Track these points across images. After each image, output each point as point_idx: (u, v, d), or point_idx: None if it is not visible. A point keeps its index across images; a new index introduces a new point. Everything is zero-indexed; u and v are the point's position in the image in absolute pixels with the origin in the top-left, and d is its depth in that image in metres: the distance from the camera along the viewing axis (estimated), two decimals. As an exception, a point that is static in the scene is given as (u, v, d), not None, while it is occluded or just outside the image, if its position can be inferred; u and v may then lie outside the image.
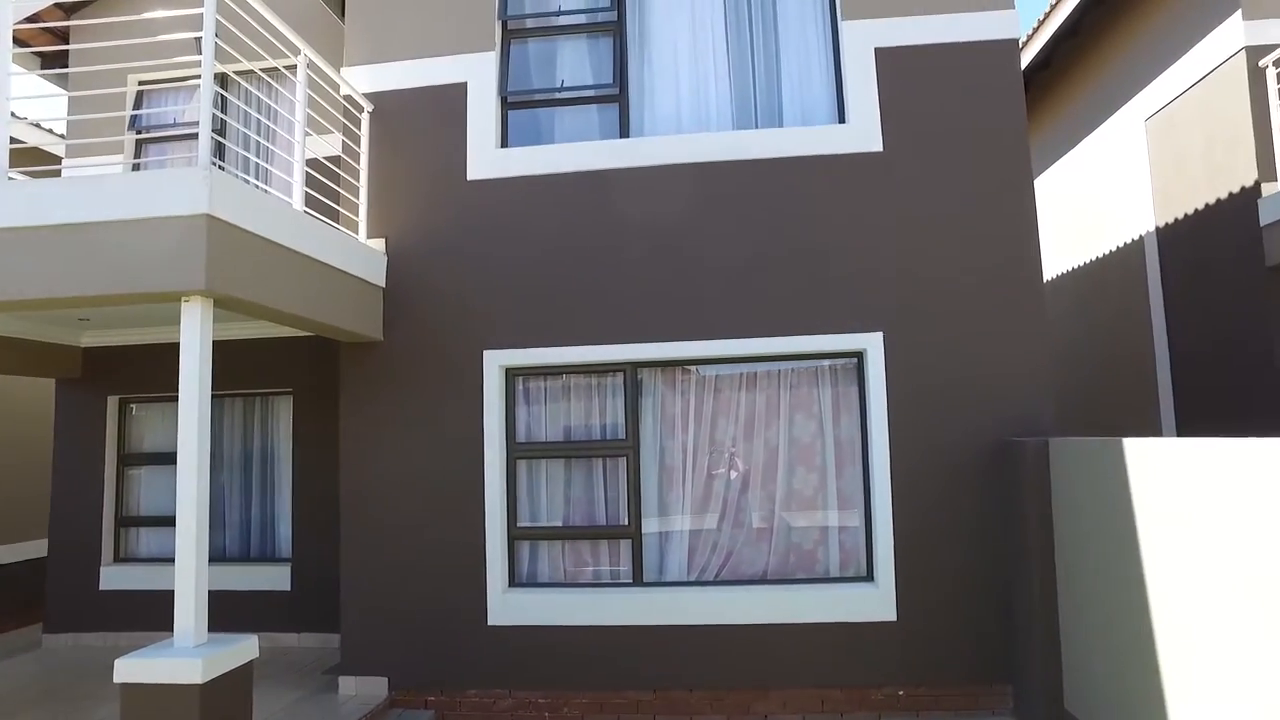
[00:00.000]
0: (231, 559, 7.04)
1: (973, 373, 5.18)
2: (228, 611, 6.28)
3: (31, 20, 7.27)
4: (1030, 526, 4.65)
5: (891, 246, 5.32)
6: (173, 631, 3.80)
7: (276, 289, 4.40)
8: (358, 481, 5.55)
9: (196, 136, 3.98)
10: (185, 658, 3.64)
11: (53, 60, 7.98)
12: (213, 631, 3.95)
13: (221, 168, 5.98)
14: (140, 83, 7.47)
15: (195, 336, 3.91)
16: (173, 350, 3.99)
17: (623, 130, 5.74)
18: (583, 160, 5.59)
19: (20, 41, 7.61)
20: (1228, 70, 6.89)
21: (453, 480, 5.46)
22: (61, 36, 7.72)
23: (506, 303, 5.55)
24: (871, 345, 5.23)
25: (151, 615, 5.93)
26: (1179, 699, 3.28)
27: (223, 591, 6.56)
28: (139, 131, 7.49)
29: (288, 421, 7.15)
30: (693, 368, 5.56)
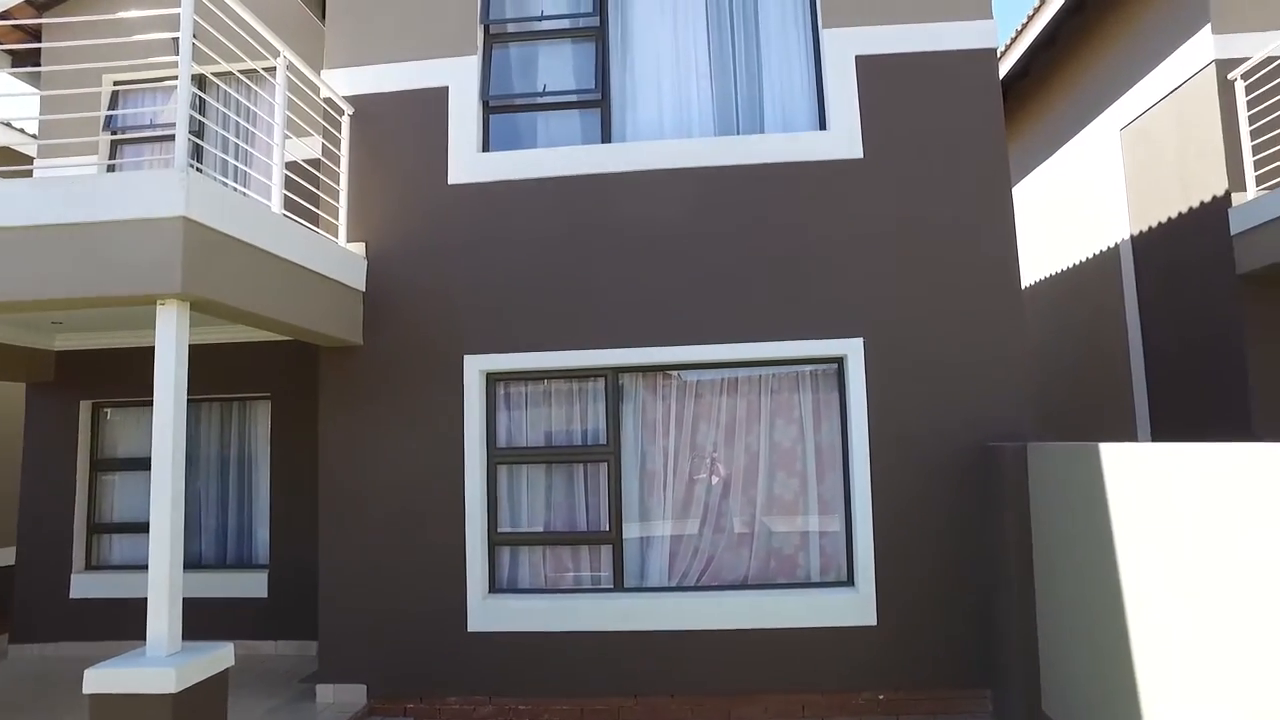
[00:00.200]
0: (207, 566, 6.95)
1: (952, 378, 5.22)
2: (203, 619, 6.18)
3: (2, 17, 7.15)
4: (1009, 531, 4.69)
5: (872, 253, 5.35)
6: (145, 640, 3.74)
7: (254, 292, 4.35)
8: (337, 487, 5.50)
9: (173, 138, 3.91)
10: (158, 667, 3.57)
11: (24, 58, 7.85)
12: (187, 640, 3.89)
13: (199, 170, 5.91)
14: (115, 82, 7.36)
15: (171, 340, 3.85)
16: (148, 354, 3.93)
17: (605, 135, 5.74)
18: (564, 165, 5.59)
19: (-9, 39, 7.50)
20: (1199, 82, 7.03)
21: (433, 485, 5.42)
22: (33, 34, 7.59)
23: (487, 307, 5.52)
24: (852, 351, 5.26)
25: (124, 624, 5.82)
26: (1155, 701, 3.32)
27: (198, 599, 6.46)
28: (114, 132, 7.38)
29: (265, 426, 7.07)
30: (674, 373, 5.56)
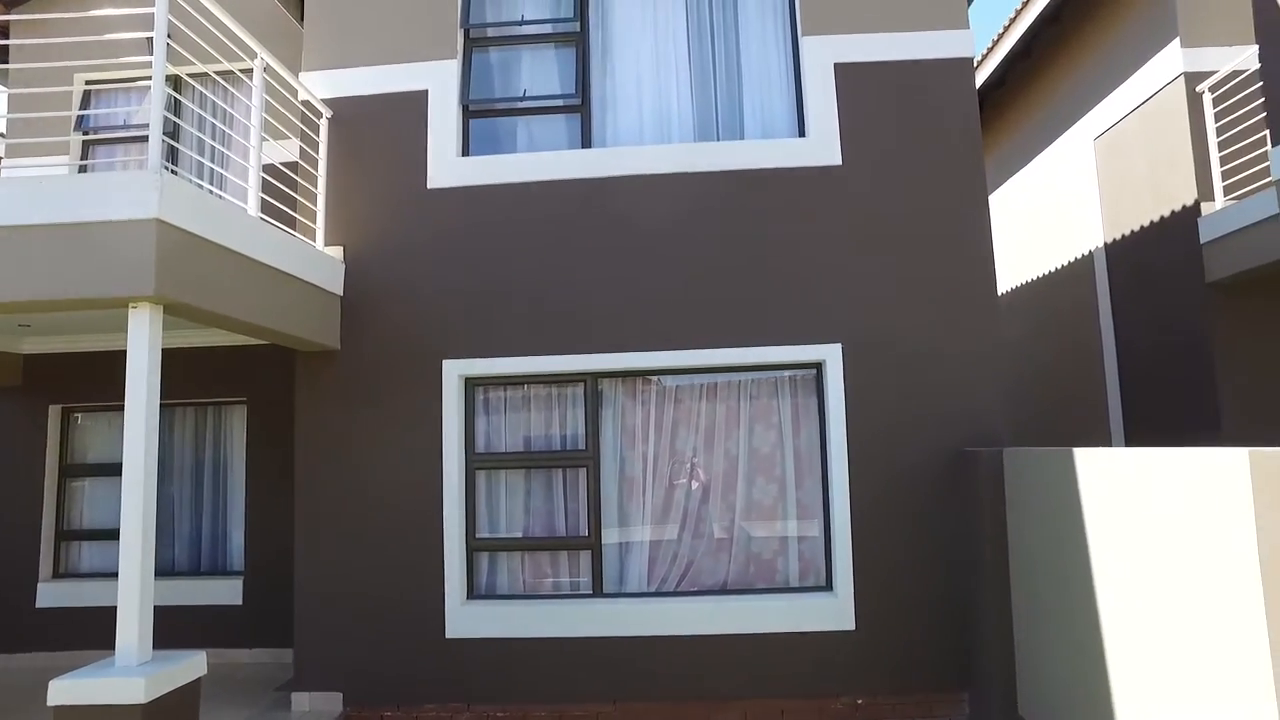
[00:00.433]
0: (181, 573, 6.83)
1: (930, 384, 5.27)
2: (176, 627, 6.06)
3: (-32, 14, 7.03)
4: (985, 535, 4.74)
5: (850, 258, 5.39)
6: (114, 650, 3.67)
7: (229, 296, 4.30)
8: (313, 492, 5.44)
9: (147, 139, 3.86)
10: (126, 676, 3.50)
11: (-9, 56, 7.72)
12: (159, 648, 3.82)
13: (174, 172, 5.84)
14: (87, 82, 7.25)
15: (143, 344, 3.80)
16: (120, 358, 3.86)
17: (585, 140, 5.75)
18: (544, 170, 5.59)
19: (-45, 36, 7.36)
20: (1168, 94, 7.17)
21: (411, 491, 5.38)
22: (1, 31, 7.46)
23: (467, 312, 5.50)
24: (830, 356, 5.30)
25: (92, 634, 5.71)
26: (1129, 702, 3.36)
27: (171, 607, 6.35)
28: (86, 132, 7.27)
29: (241, 431, 6.98)
30: (653, 378, 5.57)
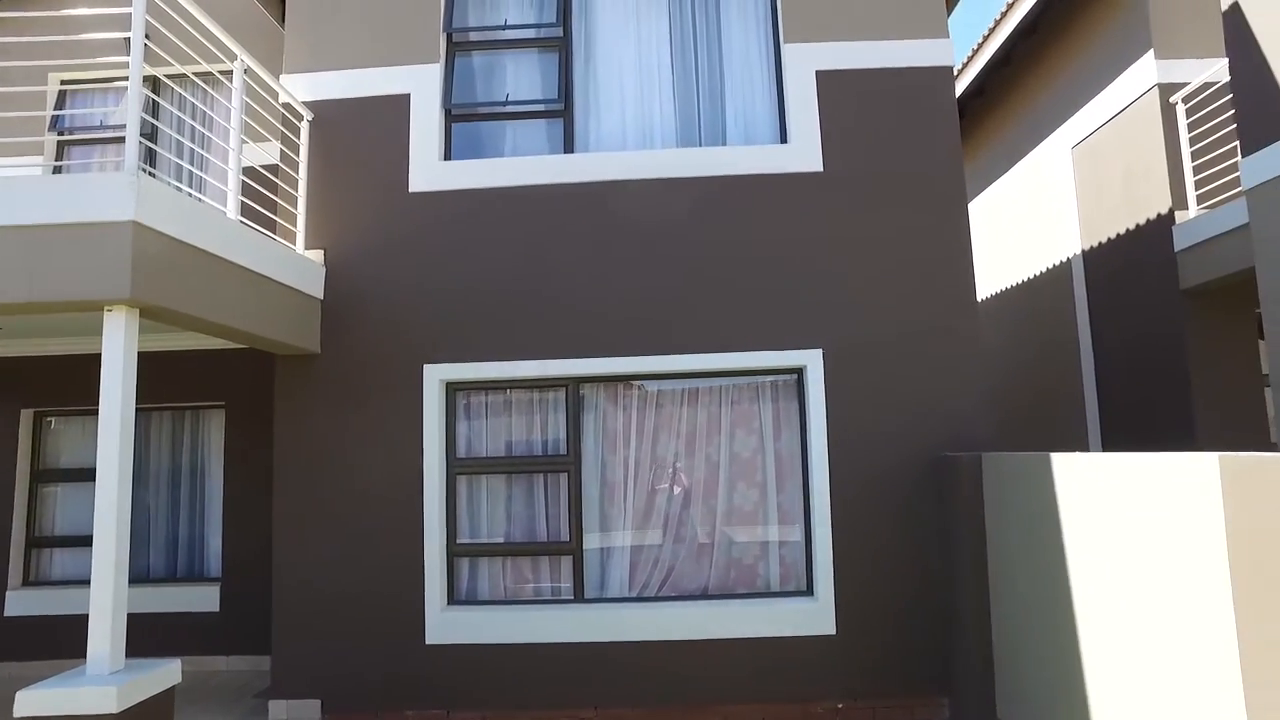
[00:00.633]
0: (156, 579, 6.75)
1: (910, 388, 5.31)
2: (151, 635, 5.99)
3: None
4: (964, 539, 4.78)
5: (831, 264, 5.43)
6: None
7: (207, 299, 4.26)
8: (292, 497, 5.39)
9: (124, 140, 3.82)
10: (98, 685, 3.45)
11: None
12: (133, 657, 3.77)
13: (152, 174, 5.78)
14: (63, 82, 7.16)
15: (118, 347, 3.75)
16: (95, 361, 3.81)
17: (567, 145, 5.76)
18: (526, 175, 5.58)
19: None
20: (1143, 105, 7.29)
21: (391, 496, 5.34)
22: (-27, 29, 7.37)
23: (448, 316, 5.48)
24: (811, 362, 5.33)
25: (65, 642, 5.58)
26: (1104, 704, 3.40)
27: (146, 614, 6.27)
28: (61, 133, 7.18)
29: (219, 436, 6.91)
30: (635, 383, 5.57)
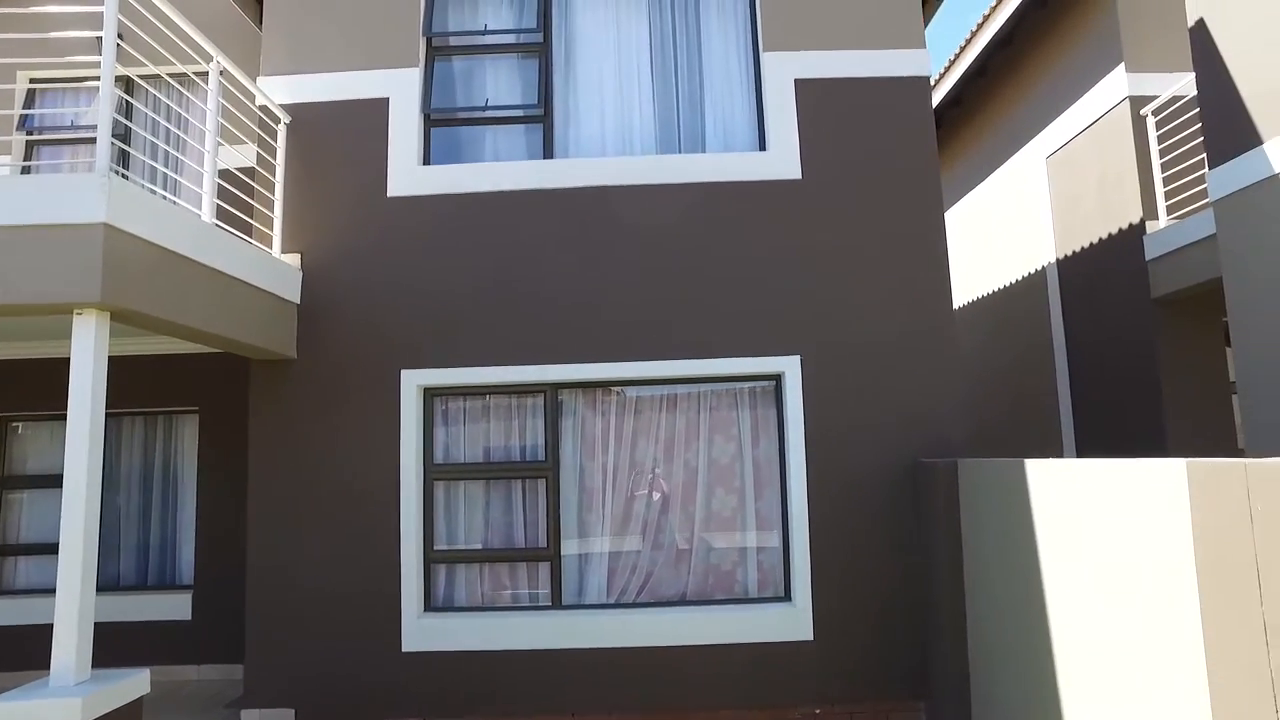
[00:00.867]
0: (127, 587, 6.63)
1: (887, 395, 5.35)
2: (121, 644, 5.88)
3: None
4: (941, 545, 4.81)
5: (809, 271, 5.46)
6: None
7: (180, 303, 4.21)
8: (266, 503, 5.33)
9: (95, 141, 3.77)
10: (62, 697, 3.36)
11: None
12: (101, 667, 3.70)
13: (124, 175, 5.70)
14: (32, 80, 7.04)
15: (88, 351, 3.69)
16: (64, 365, 3.74)
17: (547, 151, 5.75)
18: (506, 180, 5.57)
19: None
20: (1114, 117, 7.42)
21: (367, 502, 5.29)
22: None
23: (426, 321, 5.45)
24: (789, 368, 5.35)
25: (33, 653, 5.45)
26: (1077, 707, 3.43)
27: (116, 623, 6.17)
28: (30, 132, 7.06)
29: (193, 441, 6.82)
30: (613, 389, 5.57)
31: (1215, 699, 2.52)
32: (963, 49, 9.45)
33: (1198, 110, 6.05)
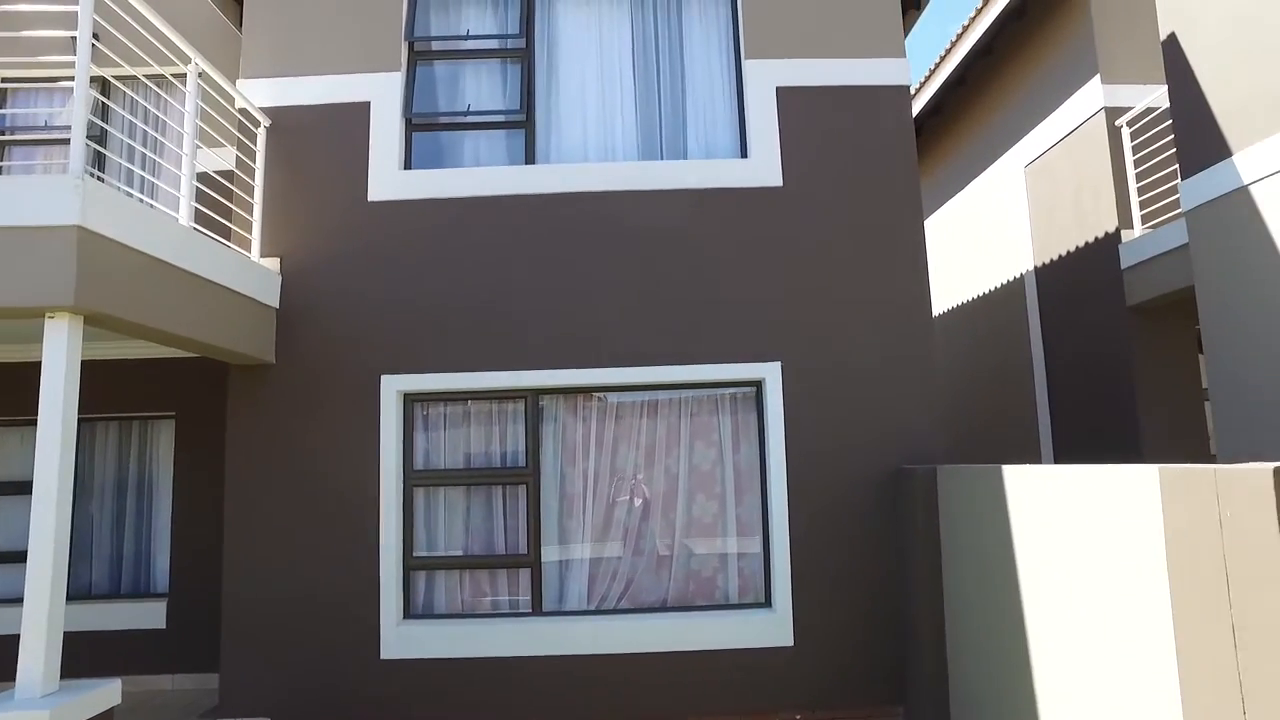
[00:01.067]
0: (100, 596, 6.51)
1: (867, 401, 5.38)
2: (93, 654, 5.79)
3: None
4: (920, 550, 4.84)
5: (790, 279, 5.49)
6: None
7: (156, 307, 4.16)
8: (243, 510, 5.26)
9: (69, 142, 3.72)
10: (28, 710, 3.30)
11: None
12: (72, 678, 3.63)
13: (99, 177, 5.64)
14: (4, 79, 6.94)
15: (60, 356, 3.63)
16: (36, 369, 3.69)
17: (528, 157, 5.75)
18: (487, 185, 5.56)
19: None
20: (1090, 127, 7.53)
21: (346, 508, 5.25)
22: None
23: (406, 327, 5.42)
24: (770, 374, 5.37)
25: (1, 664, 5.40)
26: (1052, 710, 3.46)
27: (88, 632, 6.08)
28: (1, 132, 6.96)
29: (169, 447, 6.72)
30: (594, 395, 5.56)
31: (1186, 700, 2.55)
32: (943, 58, 9.55)
33: (1171, 122, 6.16)
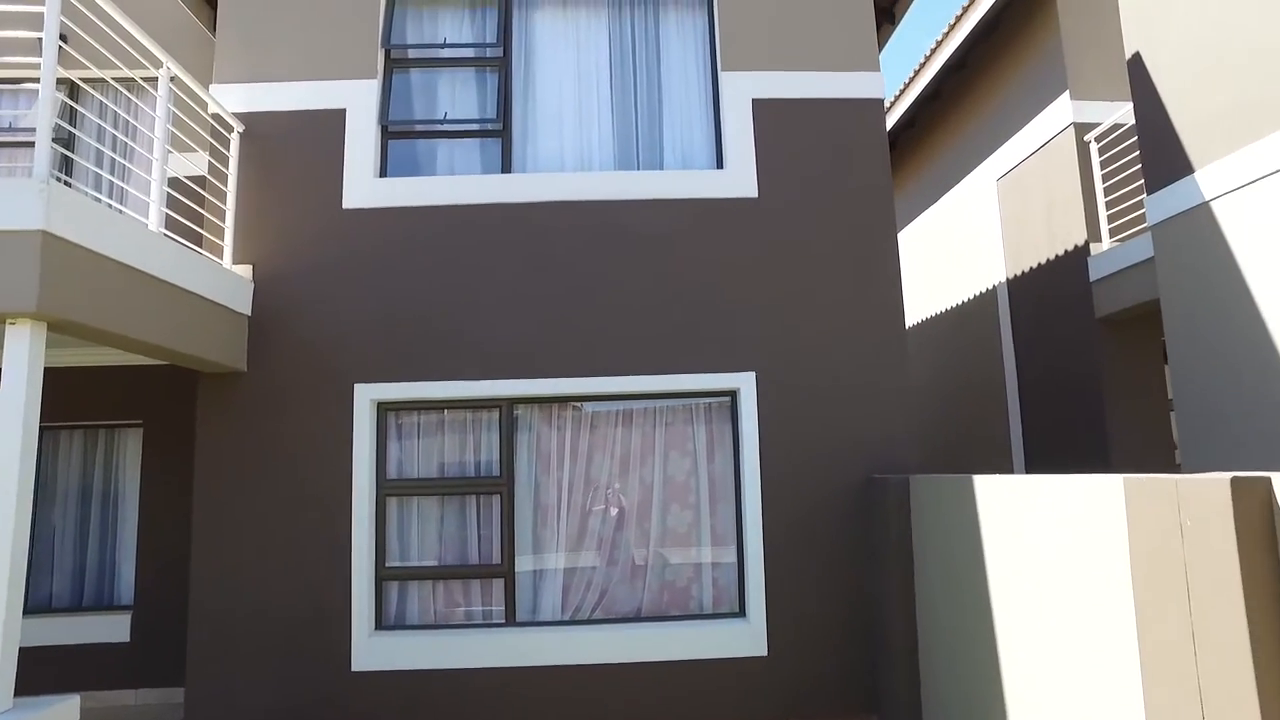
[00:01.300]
0: (60, 609, 6.36)
1: (841, 412, 5.42)
2: (54, 669, 5.66)
3: None
4: (893, 559, 4.87)
5: (764, 289, 5.53)
6: (-27, 696, 3.38)
7: (123, 313, 4.09)
8: (212, 520, 5.18)
9: (34, 145, 3.66)
10: (-15, 725, 3.24)
11: None
12: (30, 694, 3.54)
13: (67, 182, 5.54)
14: (-37, 79, 6.82)
15: (21, 363, 3.56)
16: None
17: (505, 166, 5.75)
18: (463, 193, 5.55)
19: None
20: (1060, 142, 7.67)
21: (317, 518, 5.18)
22: None
23: (380, 335, 5.38)
24: (744, 385, 5.39)
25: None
26: (1020, 716, 3.50)
27: (49, 647, 5.95)
28: (-39, 134, 6.83)
29: (135, 456, 6.59)
30: (569, 404, 5.55)
31: (1149, 705, 2.59)
32: (917, 72, 9.70)
33: (1137, 138, 6.29)
